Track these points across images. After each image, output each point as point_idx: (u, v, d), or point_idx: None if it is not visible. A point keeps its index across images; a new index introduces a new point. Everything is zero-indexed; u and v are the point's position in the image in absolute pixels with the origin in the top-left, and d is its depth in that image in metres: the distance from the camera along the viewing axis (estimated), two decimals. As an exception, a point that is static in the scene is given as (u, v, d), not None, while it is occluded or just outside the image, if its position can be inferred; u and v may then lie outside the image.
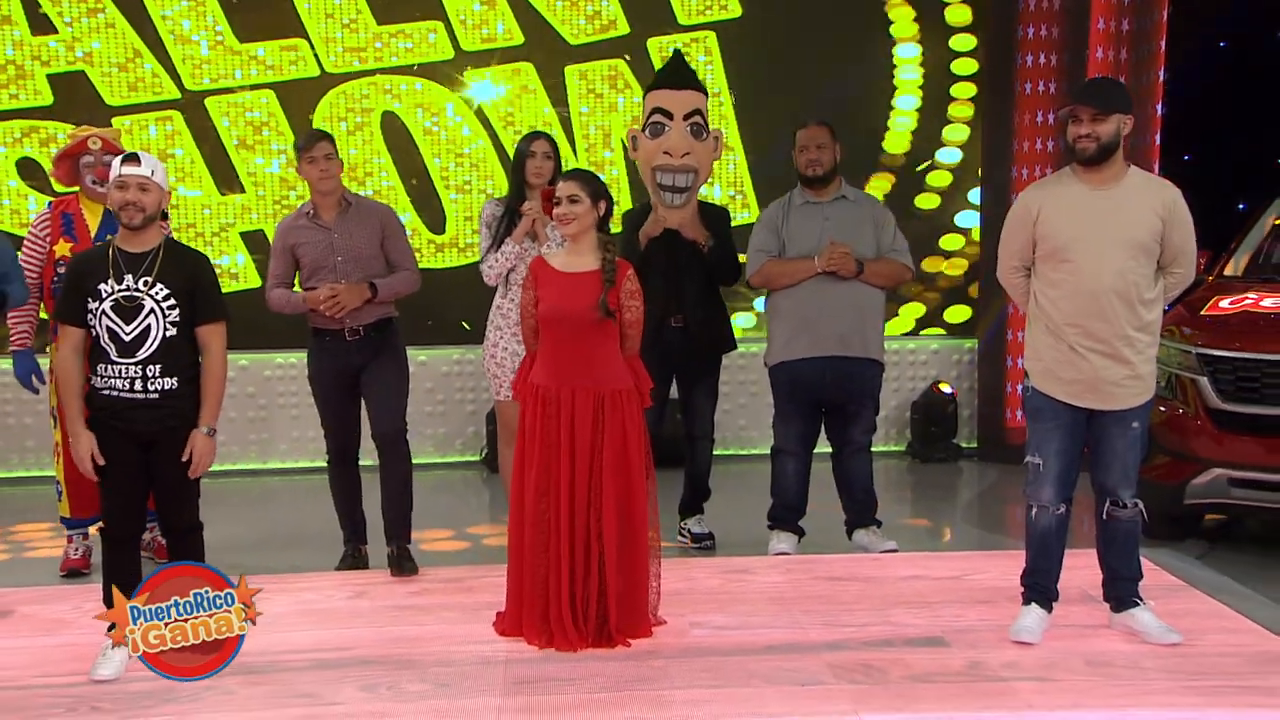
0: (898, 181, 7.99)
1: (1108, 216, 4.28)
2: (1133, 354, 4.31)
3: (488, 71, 7.76)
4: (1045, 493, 4.43)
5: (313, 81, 7.72)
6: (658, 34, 7.81)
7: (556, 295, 4.44)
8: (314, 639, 4.56)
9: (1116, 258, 4.26)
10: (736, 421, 7.98)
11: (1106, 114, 4.25)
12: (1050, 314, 4.37)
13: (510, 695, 4.01)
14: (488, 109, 7.80)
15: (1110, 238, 4.26)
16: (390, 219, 5.42)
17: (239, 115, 7.71)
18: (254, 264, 7.68)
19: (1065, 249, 4.30)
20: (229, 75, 7.67)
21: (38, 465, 7.65)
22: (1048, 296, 4.38)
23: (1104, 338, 4.29)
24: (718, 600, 4.95)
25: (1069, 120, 4.31)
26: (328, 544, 5.64)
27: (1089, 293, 4.27)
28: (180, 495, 4.32)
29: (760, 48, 7.85)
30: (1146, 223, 4.28)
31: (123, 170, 4.22)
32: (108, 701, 4.00)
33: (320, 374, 5.39)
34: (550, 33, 7.79)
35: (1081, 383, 4.34)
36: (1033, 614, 4.49)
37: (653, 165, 5.72)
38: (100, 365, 4.21)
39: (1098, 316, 4.28)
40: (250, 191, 7.75)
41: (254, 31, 7.66)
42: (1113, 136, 4.27)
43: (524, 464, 4.48)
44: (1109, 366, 4.30)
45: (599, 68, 7.83)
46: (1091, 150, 4.27)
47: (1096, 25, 7.54)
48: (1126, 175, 4.35)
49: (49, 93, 7.55)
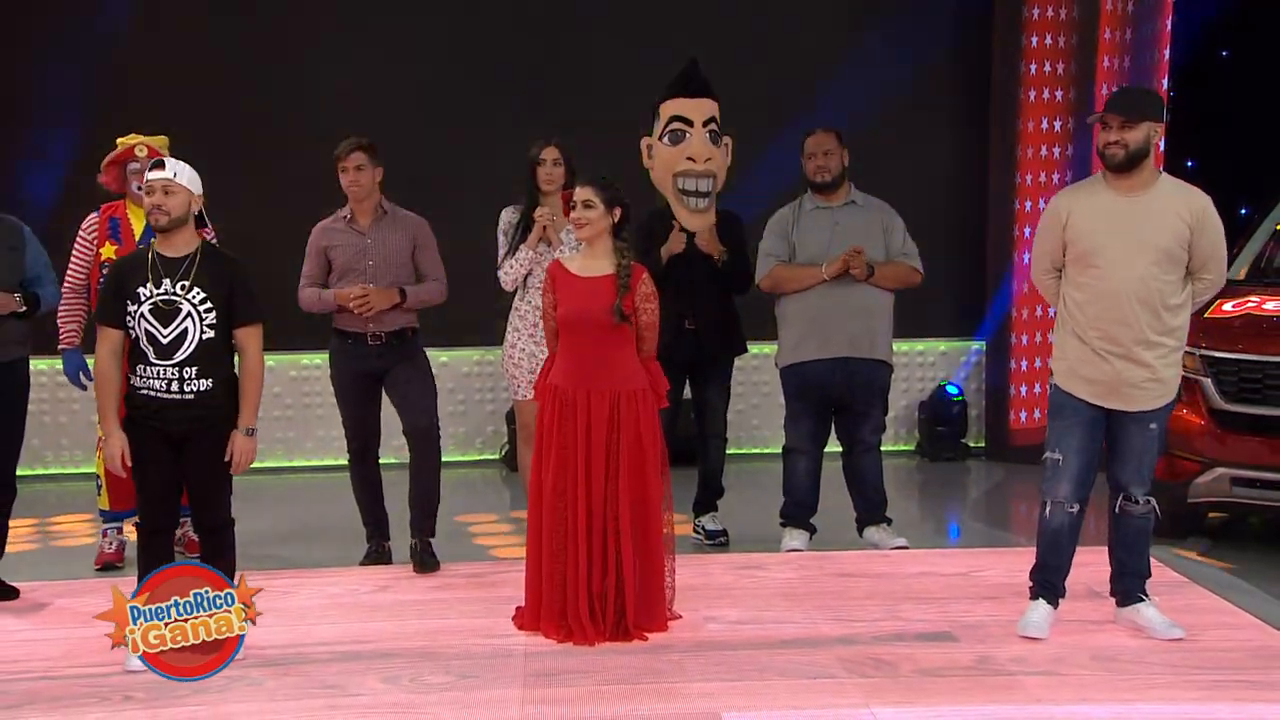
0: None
1: (1134, 222, 4.32)
2: (1153, 358, 4.35)
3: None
4: (1062, 489, 4.46)
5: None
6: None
7: (573, 299, 4.54)
8: (338, 632, 4.66)
9: (1140, 263, 4.30)
10: (749, 421, 8.07)
11: (1135, 122, 4.29)
12: (1075, 316, 4.42)
13: (530, 687, 4.09)
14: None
15: (1136, 243, 4.30)
16: (423, 230, 5.53)
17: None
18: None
19: (1092, 253, 4.35)
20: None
21: (72, 462, 7.79)
22: (1074, 299, 4.43)
23: (1124, 342, 4.33)
24: (732, 595, 5.02)
25: (1100, 126, 4.35)
26: (352, 539, 5.74)
27: (1112, 297, 4.32)
28: (212, 492, 4.42)
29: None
30: (1173, 229, 4.32)
31: (149, 175, 4.35)
32: (140, 691, 4.08)
33: (340, 375, 5.50)
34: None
35: (1103, 384, 4.39)
36: (1040, 609, 4.54)
37: (675, 171, 5.80)
38: (139, 366, 4.32)
39: (1119, 321, 4.33)
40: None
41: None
42: (1142, 144, 4.30)
43: (542, 463, 4.57)
44: (1129, 369, 4.35)
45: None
46: (1120, 157, 4.31)
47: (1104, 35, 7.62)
48: (1157, 182, 4.39)
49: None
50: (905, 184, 6.90)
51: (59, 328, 5.64)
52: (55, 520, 6.80)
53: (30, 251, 5.15)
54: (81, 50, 7.70)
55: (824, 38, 8.07)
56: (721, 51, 7.83)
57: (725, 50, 7.85)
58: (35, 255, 5.18)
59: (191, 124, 6.73)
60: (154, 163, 4.40)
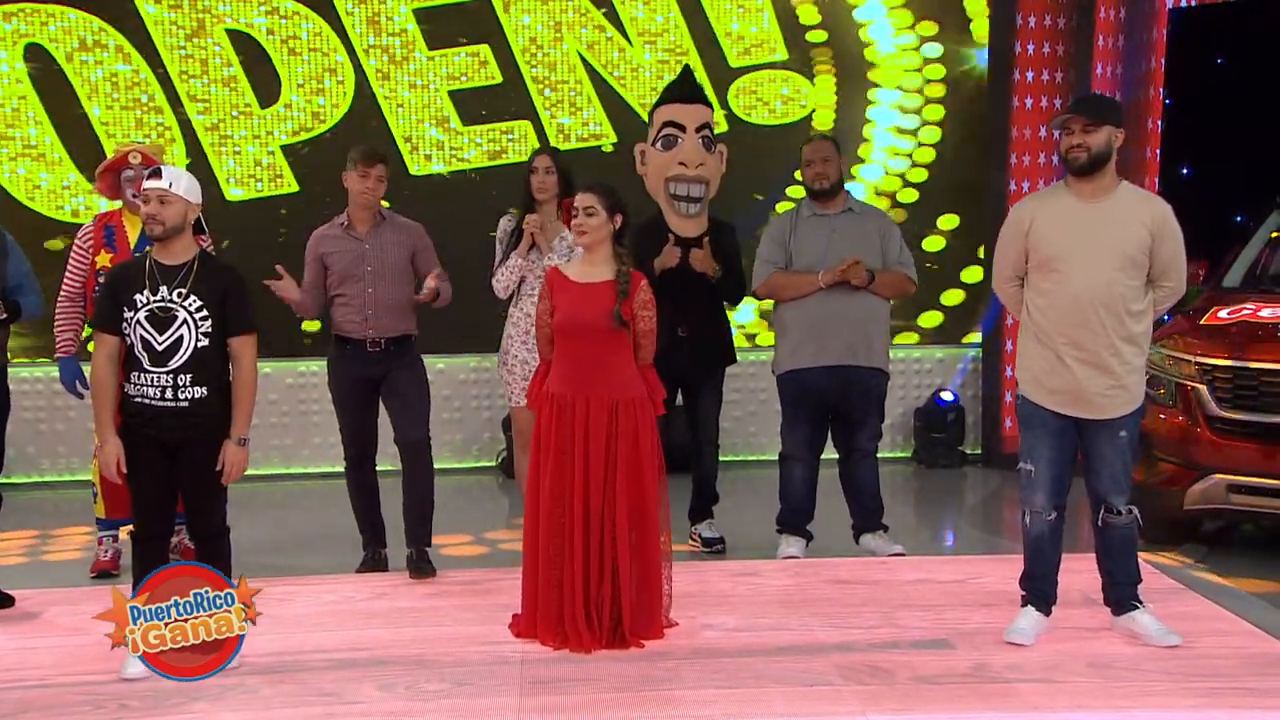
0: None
1: (1097, 228, 4.36)
2: (1118, 364, 4.38)
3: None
4: (1037, 499, 4.50)
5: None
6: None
7: (571, 305, 4.54)
8: (335, 639, 4.65)
9: (1104, 269, 4.33)
10: (746, 428, 8.08)
11: (1098, 125, 4.34)
12: (1039, 323, 4.45)
13: (526, 695, 4.09)
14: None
15: (1098, 249, 4.34)
16: (421, 237, 5.55)
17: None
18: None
19: (1054, 259, 4.38)
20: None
21: (69, 470, 7.77)
22: (1037, 305, 4.46)
23: (1090, 348, 4.36)
24: (728, 602, 5.03)
25: (1062, 131, 4.41)
26: (348, 547, 5.74)
27: (1076, 303, 4.35)
28: (207, 499, 4.42)
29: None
30: (1135, 236, 4.36)
31: (145, 184, 4.35)
32: (135, 699, 4.08)
33: (339, 381, 5.50)
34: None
35: (1067, 393, 4.41)
36: (1028, 616, 4.56)
37: (667, 176, 5.83)
38: (134, 374, 4.32)
39: (1084, 326, 4.35)
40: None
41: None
42: (1103, 147, 4.35)
43: (539, 470, 4.57)
44: (1093, 377, 4.37)
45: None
46: (1083, 160, 4.36)
47: (1098, 43, 7.64)
48: (1117, 189, 4.44)
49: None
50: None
51: (55, 336, 5.64)
52: (50, 528, 6.78)
53: (12, 260, 5.15)
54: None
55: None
56: (716, 56, 7.93)
57: (720, 54, 7.93)
58: (17, 263, 5.18)
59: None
60: (151, 171, 4.40)
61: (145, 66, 7.73)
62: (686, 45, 7.93)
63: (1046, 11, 7.77)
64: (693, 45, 7.94)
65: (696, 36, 7.95)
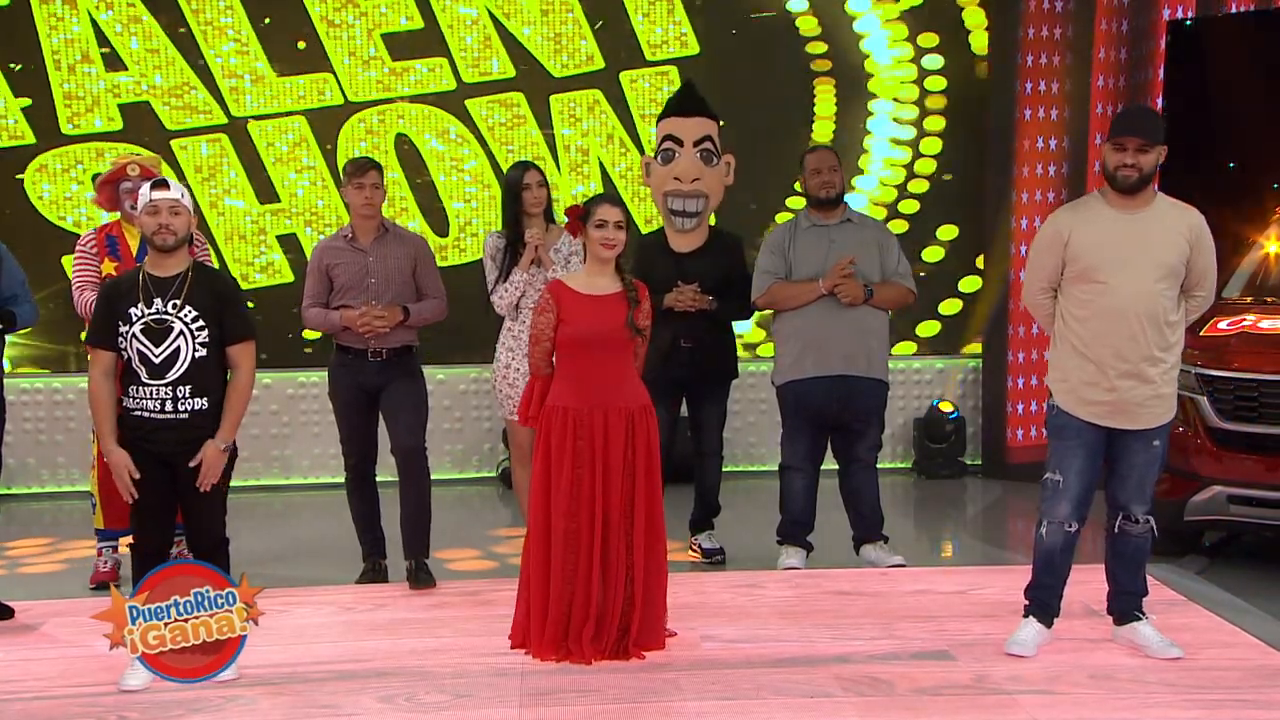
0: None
1: (1138, 240, 4.35)
2: (1157, 374, 4.38)
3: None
4: (1061, 509, 4.47)
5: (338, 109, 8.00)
6: (628, 68, 8.07)
7: (585, 318, 4.51)
8: (334, 651, 4.65)
9: (1147, 280, 4.32)
10: (746, 439, 8.08)
11: (1153, 145, 4.32)
12: (1079, 334, 4.42)
13: (526, 706, 4.08)
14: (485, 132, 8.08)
15: (1141, 260, 4.33)
16: (423, 249, 5.57)
17: (276, 137, 7.97)
18: (288, 262, 7.99)
19: (1096, 270, 4.36)
20: (268, 103, 7.98)
21: (69, 481, 7.78)
22: (1076, 317, 4.43)
23: (1131, 358, 4.35)
24: (728, 613, 5.02)
25: (1112, 146, 4.35)
26: (348, 558, 5.74)
27: (1118, 313, 4.34)
28: (206, 511, 4.42)
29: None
30: (1175, 246, 4.36)
31: (153, 195, 4.33)
32: (135, 711, 4.07)
33: (340, 390, 5.51)
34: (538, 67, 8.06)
35: (1108, 404, 4.39)
36: (1030, 628, 4.55)
37: (663, 191, 5.85)
38: (132, 387, 4.31)
39: (1126, 337, 4.34)
40: (285, 201, 8.02)
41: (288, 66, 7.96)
42: (1153, 167, 4.35)
43: (549, 486, 4.51)
44: (1134, 387, 4.37)
45: (579, 97, 8.08)
46: (1133, 179, 4.33)
47: (1098, 54, 7.66)
48: (1155, 200, 4.43)
49: (120, 119, 7.84)
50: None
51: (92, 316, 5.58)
52: (50, 539, 6.78)
53: (7, 269, 5.15)
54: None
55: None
56: (721, 61, 7.95)
57: (724, 60, 7.94)
58: (12, 273, 5.18)
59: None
60: (156, 181, 4.40)
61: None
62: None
63: (1045, 23, 7.79)
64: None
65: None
